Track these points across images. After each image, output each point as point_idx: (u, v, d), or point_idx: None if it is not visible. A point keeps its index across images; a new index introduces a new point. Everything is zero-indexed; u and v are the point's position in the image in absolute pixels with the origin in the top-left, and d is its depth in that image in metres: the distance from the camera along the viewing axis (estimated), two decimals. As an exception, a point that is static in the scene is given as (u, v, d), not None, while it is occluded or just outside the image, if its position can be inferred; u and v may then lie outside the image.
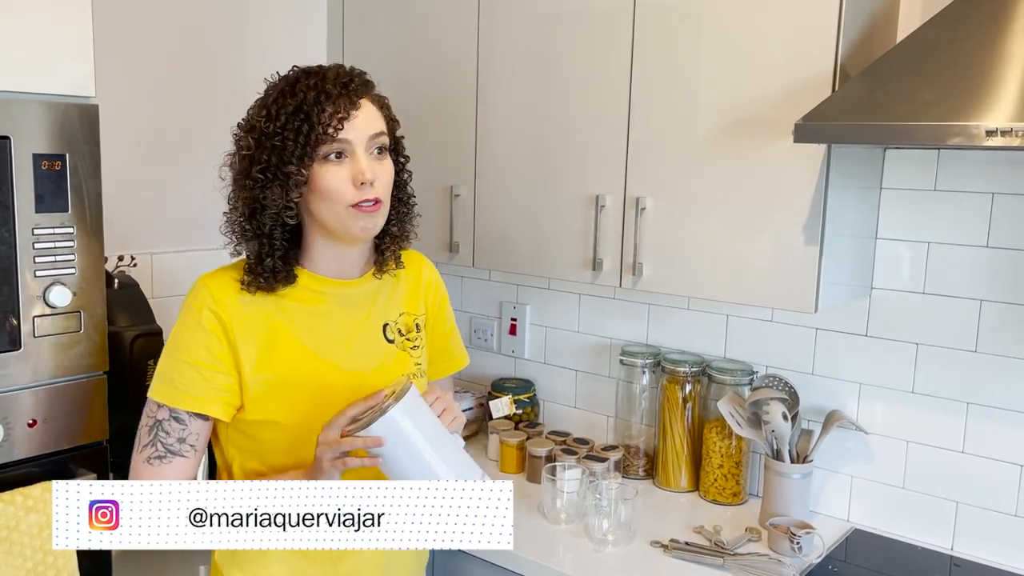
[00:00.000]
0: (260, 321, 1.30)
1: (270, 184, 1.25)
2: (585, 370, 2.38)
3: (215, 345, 1.28)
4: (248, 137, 1.28)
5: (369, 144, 1.28)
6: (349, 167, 1.26)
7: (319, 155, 1.25)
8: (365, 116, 1.28)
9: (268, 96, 1.29)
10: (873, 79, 1.55)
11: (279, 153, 1.24)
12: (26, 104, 1.35)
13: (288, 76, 1.30)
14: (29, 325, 1.39)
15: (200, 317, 1.28)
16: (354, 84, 1.29)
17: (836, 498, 2.01)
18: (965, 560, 1.83)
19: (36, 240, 1.38)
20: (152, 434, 1.27)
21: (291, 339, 1.32)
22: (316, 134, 1.23)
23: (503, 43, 2.06)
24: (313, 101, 1.24)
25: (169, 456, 1.27)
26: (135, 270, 2.08)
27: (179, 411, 1.27)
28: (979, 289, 1.80)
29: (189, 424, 1.28)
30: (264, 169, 1.25)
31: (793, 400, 1.96)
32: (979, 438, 1.82)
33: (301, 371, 1.31)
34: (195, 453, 1.29)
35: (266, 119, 1.26)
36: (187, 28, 2.21)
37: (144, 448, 1.27)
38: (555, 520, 1.93)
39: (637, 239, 1.87)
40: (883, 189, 1.89)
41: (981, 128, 1.35)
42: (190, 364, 1.28)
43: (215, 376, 1.28)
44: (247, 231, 1.29)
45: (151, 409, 1.29)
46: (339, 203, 1.27)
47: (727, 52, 1.73)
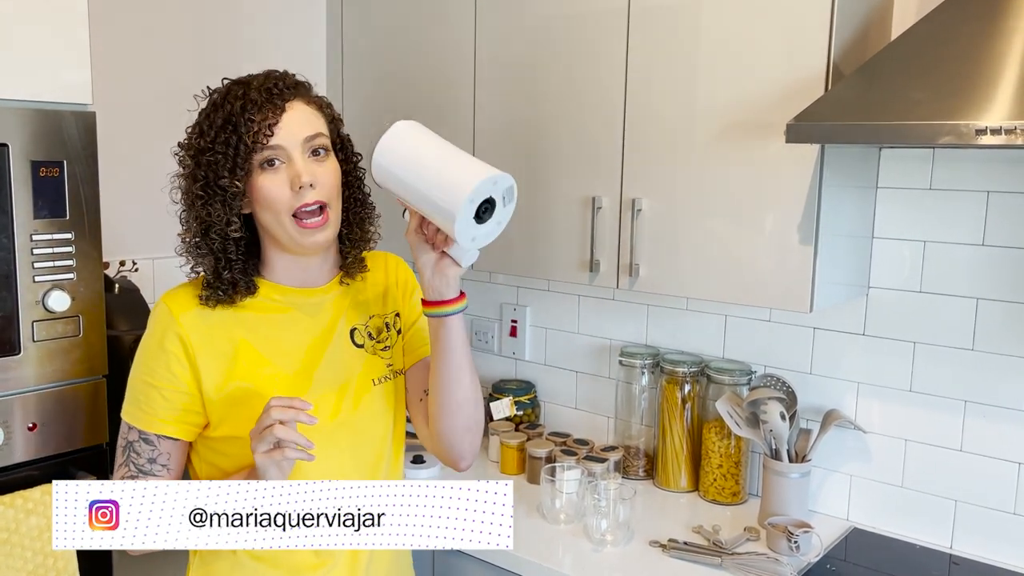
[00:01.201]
0: (221, 336, 1.28)
1: (211, 200, 1.23)
2: (585, 371, 2.39)
3: (175, 365, 1.26)
4: (186, 155, 1.27)
5: (304, 147, 1.25)
6: (285, 172, 1.24)
7: (254, 165, 1.23)
8: (295, 119, 1.25)
9: (201, 113, 1.27)
10: (865, 78, 1.55)
11: (213, 168, 1.23)
12: (24, 112, 1.37)
13: (218, 89, 1.29)
14: (28, 330, 1.40)
15: (161, 339, 1.27)
16: (279, 89, 1.26)
17: (835, 497, 2.01)
18: (964, 558, 1.83)
19: (35, 246, 1.39)
20: (125, 455, 1.28)
21: (253, 352, 1.29)
22: (245, 144, 1.22)
23: (499, 45, 2.07)
24: (240, 111, 1.22)
25: (141, 476, 1.27)
26: (137, 275, 2.10)
27: (147, 433, 1.27)
28: (976, 287, 1.80)
29: (158, 445, 1.27)
30: (204, 186, 1.24)
31: (791, 400, 1.96)
32: (977, 436, 1.82)
33: (263, 383, 1.28)
34: (168, 472, 1.29)
35: (198, 135, 1.25)
36: (184, 33, 2.23)
37: (120, 467, 1.28)
38: (554, 520, 1.94)
39: (633, 240, 1.87)
40: (879, 188, 1.89)
41: (971, 127, 1.35)
42: (152, 385, 1.27)
43: (176, 396, 1.27)
44: (201, 248, 1.27)
45: (124, 429, 1.29)
46: (280, 212, 1.24)
47: (721, 53, 1.74)
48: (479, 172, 1.18)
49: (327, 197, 1.26)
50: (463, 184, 1.17)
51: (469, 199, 1.16)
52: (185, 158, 1.27)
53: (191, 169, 1.25)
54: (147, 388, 1.27)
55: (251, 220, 1.29)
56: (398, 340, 1.43)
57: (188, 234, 1.27)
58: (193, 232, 1.26)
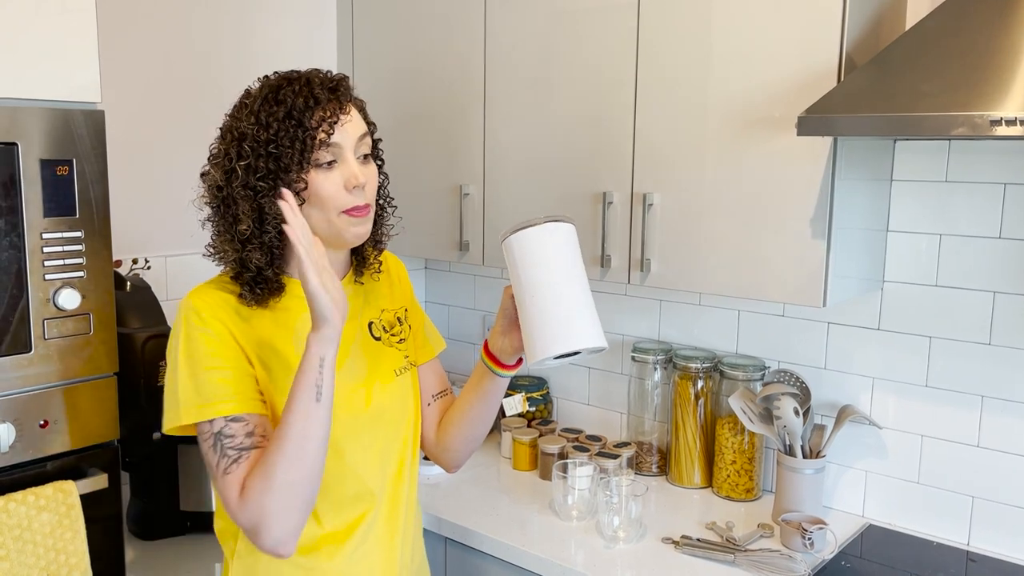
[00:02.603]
0: (258, 331, 1.27)
1: (272, 191, 1.22)
2: (598, 367, 2.38)
3: (228, 339, 1.24)
4: (241, 145, 1.23)
5: (357, 148, 1.27)
6: (340, 172, 1.24)
7: (313, 161, 1.23)
8: (352, 120, 1.27)
9: (253, 102, 1.25)
10: (878, 70, 1.53)
11: (277, 160, 1.21)
12: (33, 111, 1.37)
13: (269, 83, 1.27)
14: (39, 328, 1.41)
15: (204, 324, 1.24)
16: (341, 88, 1.27)
17: (850, 493, 2.00)
18: (981, 555, 1.81)
19: (45, 244, 1.40)
20: (217, 449, 1.21)
21: (282, 347, 1.28)
22: (311, 139, 1.21)
23: (510, 41, 2.06)
24: (303, 107, 1.22)
25: (244, 454, 1.20)
26: (149, 272, 2.11)
27: (227, 417, 1.21)
28: (992, 281, 1.78)
29: (248, 419, 1.22)
30: (264, 177, 1.22)
31: (805, 395, 1.95)
32: (995, 431, 1.80)
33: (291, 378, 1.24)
34: (267, 442, 1.22)
35: (258, 126, 1.23)
36: (193, 32, 2.23)
37: (217, 465, 1.21)
38: (566, 517, 1.93)
39: (645, 235, 1.86)
40: (893, 181, 1.87)
41: (987, 118, 1.33)
42: (212, 369, 1.22)
43: (240, 372, 1.24)
44: (252, 241, 1.24)
45: (203, 431, 1.22)
46: (332, 209, 1.24)
47: (732, 46, 1.72)
48: (590, 336, 1.20)
49: (371, 199, 1.29)
50: (568, 338, 1.19)
51: (560, 351, 1.19)
52: (238, 148, 1.23)
53: (249, 160, 1.22)
54: (209, 374, 1.22)
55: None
56: (410, 334, 1.46)
57: (241, 226, 1.24)
58: (243, 224, 1.23)
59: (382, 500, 1.35)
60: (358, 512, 1.33)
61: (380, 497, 1.35)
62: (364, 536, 1.34)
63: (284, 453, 1.16)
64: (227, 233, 1.26)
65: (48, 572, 1.41)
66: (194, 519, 1.90)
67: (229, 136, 1.26)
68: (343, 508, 1.32)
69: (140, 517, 1.90)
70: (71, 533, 1.43)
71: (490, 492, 2.09)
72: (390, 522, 1.37)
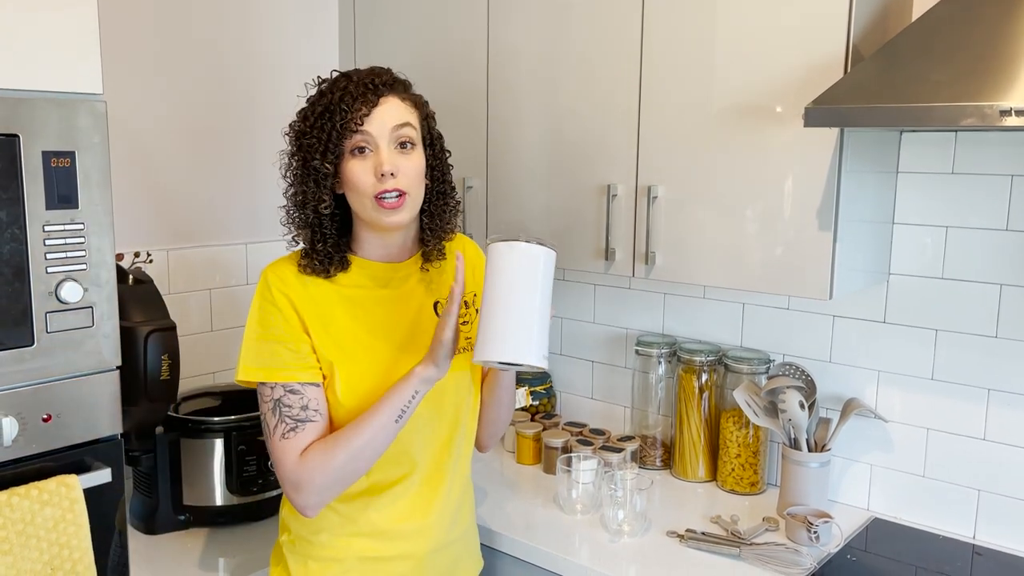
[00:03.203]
0: (319, 302, 1.42)
1: (306, 179, 1.39)
2: (602, 361, 2.37)
3: (291, 318, 1.40)
4: (292, 136, 1.43)
5: (392, 137, 1.38)
6: (371, 160, 1.37)
7: (345, 150, 1.38)
8: (387, 111, 1.38)
9: (309, 98, 1.43)
10: (885, 60, 1.52)
11: (309, 150, 1.38)
12: (34, 102, 1.36)
13: (326, 79, 1.43)
14: (42, 321, 1.40)
15: (272, 299, 1.41)
16: (376, 83, 1.39)
17: (855, 487, 1.99)
18: (987, 548, 1.80)
19: (47, 237, 1.39)
20: (276, 413, 1.39)
21: (346, 321, 1.43)
22: (337, 130, 1.36)
23: (513, 34, 2.05)
24: (338, 100, 1.37)
25: (299, 425, 1.38)
26: (151, 266, 2.10)
27: (292, 384, 1.39)
28: (999, 273, 1.77)
29: (304, 392, 1.39)
30: (301, 165, 1.40)
31: (810, 388, 1.94)
32: (1001, 425, 1.79)
33: (356, 351, 1.42)
34: (321, 416, 1.40)
35: (302, 119, 1.41)
36: (195, 23, 2.22)
37: (276, 428, 1.39)
38: (571, 511, 1.93)
39: (649, 228, 1.85)
40: (900, 173, 1.86)
41: (995, 108, 1.32)
42: (277, 341, 1.39)
43: (300, 345, 1.40)
44: (299, 221, 1.43)
45: (264, 394, 1.40)
46: (364, 195, 1.38)
47: (737, 36, 1.71)
48: (525, 354, 1.28)
49: (407, 186, 1.39)
50: (504, 350, 1.28)
51: (494, 359, 1.29)
52: (290, 139, 1.43)
53: (293, 149, 1.42)
54: (273, 345, 1.40)
55: (332, 198, 1.42)
56: (475, 318, 1.53)
57: (289, 206, 1.44)
58: (291, 205, 1.43)
59: (421, 467, 1.48)
60: (397, 474, 1.47)
61: (420, 464, 1.48)
62: (398, 496, 1.47)
63: (350, 447, 1.36)
64: (286, 213, 1.45)
65: (51, 567, 1.40)
66: (197, 513, 1.89)
67: (293, 127, 1.44)
68: (381, 466, 1.44)
69: (143, 511, 1.89)
70: (74, 527, 1.42)
71: (494, 486, 2.08)
72: (428, 490, 1.50)
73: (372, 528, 1.48)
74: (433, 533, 1.52)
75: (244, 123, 2.34)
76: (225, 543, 1.84)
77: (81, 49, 1.42)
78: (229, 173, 2.33)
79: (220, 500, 1.89)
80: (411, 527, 1.50)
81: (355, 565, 1.48)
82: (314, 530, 1.48)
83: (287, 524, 1.53)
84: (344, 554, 1.48)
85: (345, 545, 1.48)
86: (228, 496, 1.88)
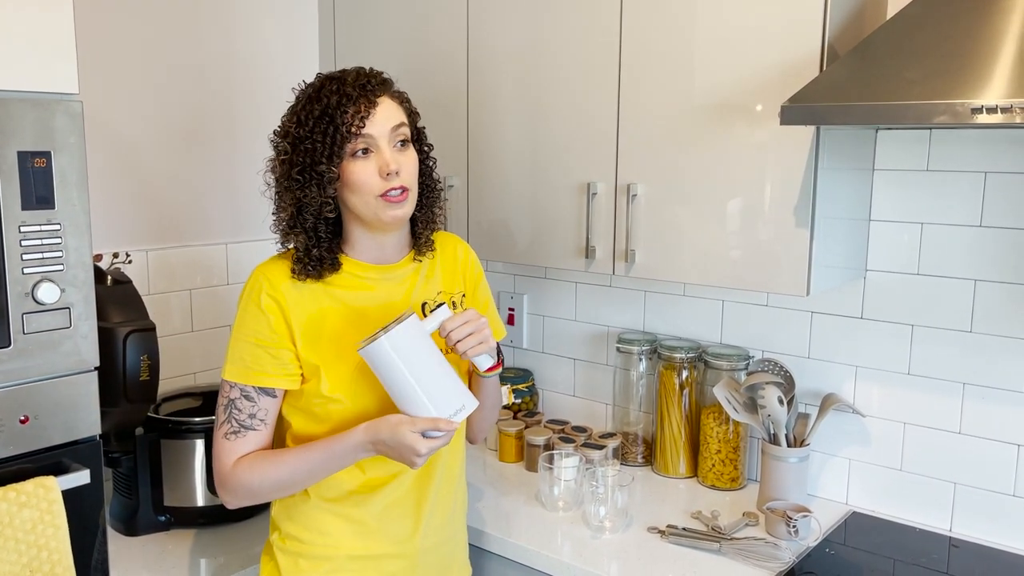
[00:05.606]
0: (311, 304, 1.44)
1: (308, 184, 1.39)
2: (583, 358, 2.38)
3: (275, 323, 1.42)
4: (284, 143, 1.42)
5: (391, 137, 1.41)
6: (375, 160, 1.39)
7: (347, 152, 1.38)
8: (384, 112, 1.40)
9: (298, 103, 1.42)
10: (860, 58, 1.54)
11: (311, 155, 1.38)
12: (10, 102, 1.35)
13: (313, 83, 1.43)
14: (18, 322, 1.39)
15: (259, 302, 1.42)
16: (371, 84, 1.41)
17: (834, 481, 2.01)
18: (963, 541, 1.83)
19: (23, 237, 1.38)
20: (227, 412, 1.43)
21: (337, 322, 1.44)
22: (341, 134, 1.37)
23: (493, 32, 2.05)
24: (336, 104, 1.37)
25: (243, 431, 1.42)
26: (130, 267, 2.09)
27: (248, 389, 1.42)
28: (974, 269, 1.79)
29: (258, 401, 1.43)
30: (301, 171, 1.39)
31: (789, 384, 1.95)
32: (976, 418, 1.82)
33: (347, 352, 1.42)
34: (265, 427, 1.45)
35: (297, 125, 1.40)
36: (173, 23, 2.21)
37: (222, 425, 1.44)
38: (553, 508, 1.93)
39: (629, 226, 1.86)
40: (876, 170, 1.88)
41: (968, 106, 1.33)
42: (256, 344, 1.42)
43: (279, 352, 1.42)
44: (295, 227, 1.42)
45: (225, 389, 1.44)
46: (368, 194, 1.40)
47: (715, 35, 1.72)
48: (444, 410, 1.35)
49: (408, 183, 1.42)
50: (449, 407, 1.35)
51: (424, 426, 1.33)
52: (283, 144, 1.42)
53: (289, 155, 1.40)
54: (253, 348, 1.42)
55: (335, 201, 1.43)
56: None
57: (283, 213, 1.43)
58: (288, 212, 1.42)
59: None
60: (388, 472, 1.48)
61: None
62: (389, 494, 1.49)
63: (281, 478, 1.41)
64: (277, 220, 1.45)
65: (30, 569, 1.40)
66: (178, 514, 1.89)
67: (280, 133, 1.44)
68: (373, 465, 1.47)
69: (123, 513, 1.88)
70: (52, 529, 1.41)
71: (476, 484, 2.09)
72: (420, 488, 1.51)
73: (363, 526, 1.49)
74: (425, 532, 1.53)
75: (224, 123, 2.33)
76: (206, 544, 1.84)
77: (57, 49, 1.41)
78: (209, 173, 2.32)
79: (201, 501, 1.88)
80: (402, 526, 1.51)
81: (345, 563, 1.49)
82: (305, 528, 1.49)
83: (278, 523, 1.53)
84: (335, 552, 1.49)
85: (336, 544, 1.48)
86: (209, 497, 1.87)
